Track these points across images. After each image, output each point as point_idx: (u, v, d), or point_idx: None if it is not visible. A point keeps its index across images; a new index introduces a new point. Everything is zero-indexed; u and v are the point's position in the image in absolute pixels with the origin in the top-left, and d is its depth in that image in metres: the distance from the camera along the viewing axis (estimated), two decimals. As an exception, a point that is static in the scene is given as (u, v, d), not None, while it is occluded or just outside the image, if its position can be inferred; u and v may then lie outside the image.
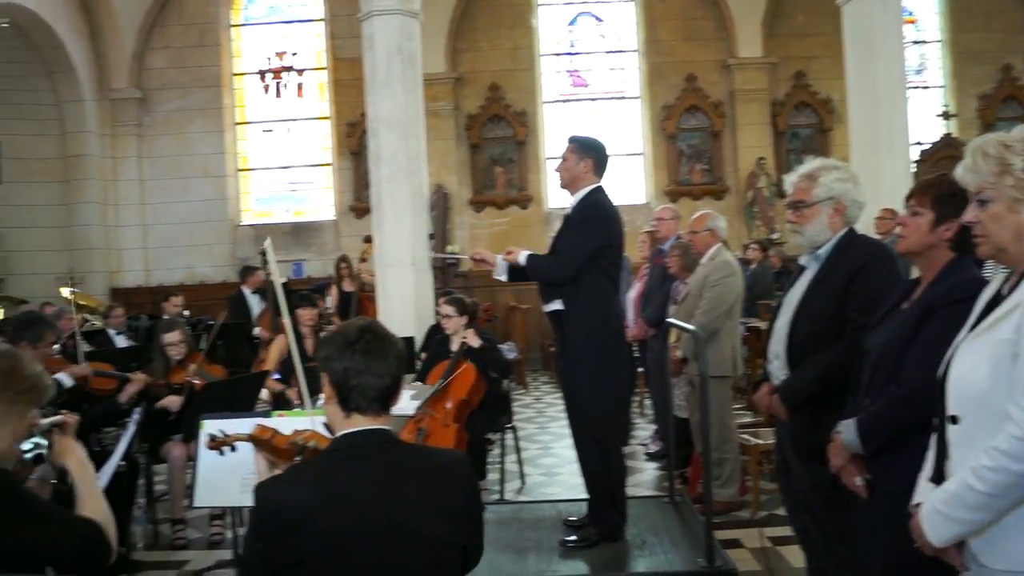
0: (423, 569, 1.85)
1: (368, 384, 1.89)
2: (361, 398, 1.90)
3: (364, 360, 1.89)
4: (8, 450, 2.10)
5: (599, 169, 4.06)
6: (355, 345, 1.90)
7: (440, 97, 12.41)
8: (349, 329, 1.95)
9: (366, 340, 1.91)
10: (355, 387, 1.89)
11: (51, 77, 12.61)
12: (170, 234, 13.30)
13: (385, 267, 7.68)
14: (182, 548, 4.95)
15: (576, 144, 4.08)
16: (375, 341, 1.92)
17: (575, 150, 4.05)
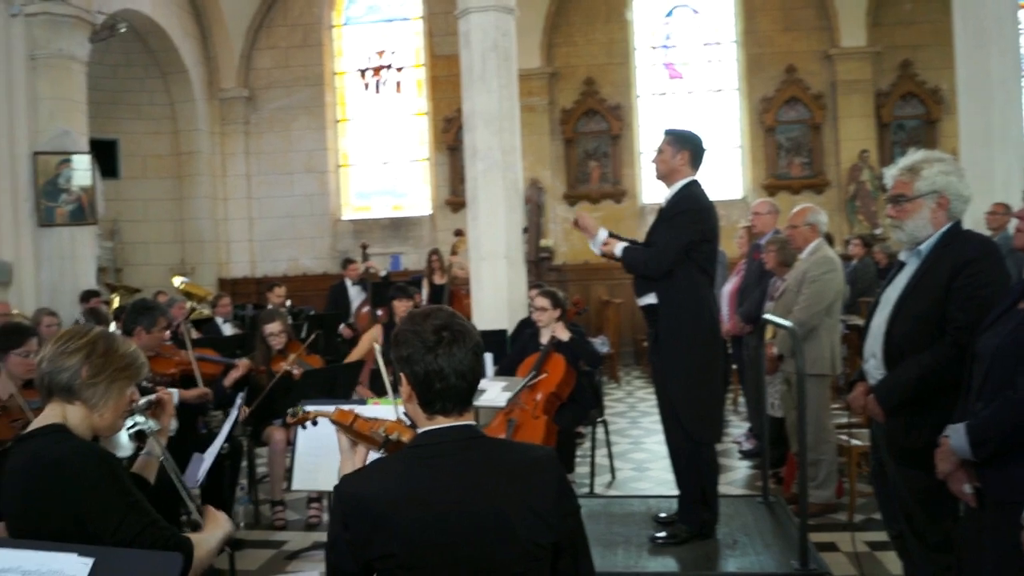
0: (511, 566, 1.81)
1: (451, 386, 1.86)
2: (446, 402, 1.88)
3: (447, 362, 1.85)
4: (112, 426, 2.22)
5: (695, 162, 4.03)
6: (436, 349, 1.85)
7: (535, 92, 12.46)
8: (425, 329, 1.88)
9: (446, 341, 1.86)
10: (438, 392, 1.86)
11: (165, 78, 13.24)
12: (275, 227, 13.80)
13: (479, 260, 7.76)
14: (281, 529, 5.13)
15: (672, 136, 4.05)
16: (455, 341, 1.87)
17: (671, 142, 4.02)
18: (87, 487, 1.99)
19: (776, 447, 5.43)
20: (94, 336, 2.16)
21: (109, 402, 2.16)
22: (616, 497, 5.35)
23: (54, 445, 2.04)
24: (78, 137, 9.60)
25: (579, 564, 1.96)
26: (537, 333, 5.56)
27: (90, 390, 2.11)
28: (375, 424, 2.10)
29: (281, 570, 4.44)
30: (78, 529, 1.94)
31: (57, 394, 2.11)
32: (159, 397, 2.44)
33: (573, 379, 5.28)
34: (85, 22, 9.67)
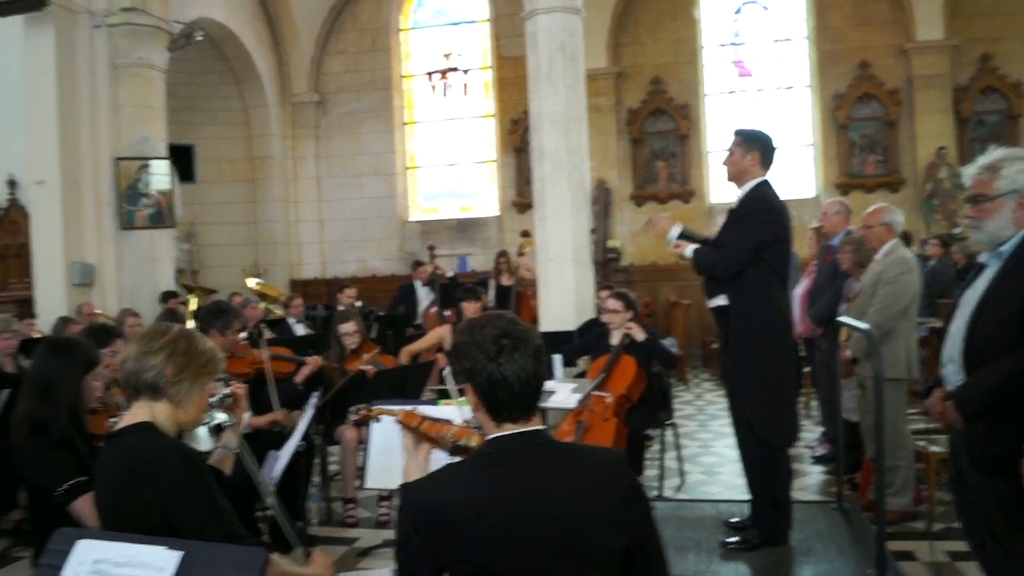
0: (584, 571, 1.81)
1: (516, 394, 1.86)
2: (512, 409, 1.88)
3: (510, 370, 1.84)
4: (195, 421, 2.30)
5: (765, 162, 3.97)
6: (498, 358, 1.85)
7: (601, 92, 12.41)
8: (484, 339, 1.88)
9: (506, 349, 1.85)
10: (504, 400, 1.86)
11: (239, 84, 13.59)
12: (344, 229, 14.04)
13: (547, 262, 7.77)
14: (352, 526, 5.21)
15: (742, 137, 4.00)
16: (515, 348, 1.86)
17: (740, 143, 3.98)
18: (175, 489, 2.05)
19: (851, 452, 5.30)
20: (175, 335, 2.23)
21: (192, 398, 2.23)
22: (686, 501, 5.30)
23: (144, 444, 2.11)
24: (157, 143, 9.91)
25: (651, 567, 1.94)
26: (606, 334, 5.53)
27: (174, 388, 2.19)
28: (443, 428, 2.13)
29: (353, 566, 4.50)
30: (165, 526, 2.01)
31: (143, 392, 2.19)
32: (234, 391, 2.51)
33: (644, 381, 5.24)
34: (163, 31, 9.98)
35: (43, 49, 9.22)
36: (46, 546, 1.80)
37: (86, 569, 1.70)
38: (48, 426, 2.92)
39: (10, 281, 10.29)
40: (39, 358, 3.13)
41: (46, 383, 2.98)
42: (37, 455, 2.91)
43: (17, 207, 10.19)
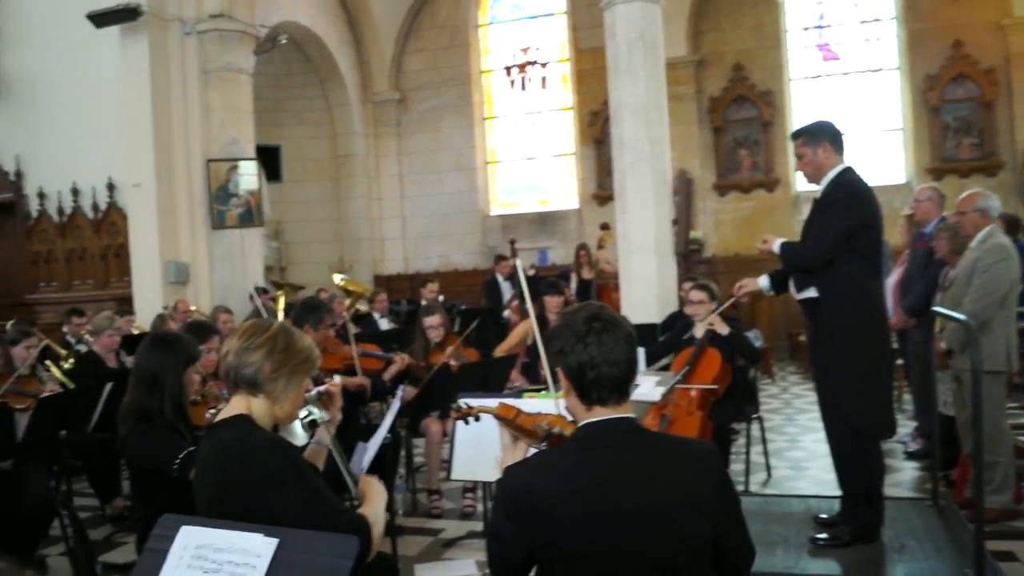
0: (672, 559, 1.82)
1: (605, 375, 1.89)
2: (601, 390, 1.90)
3: (598, 351, 1.88)
4: (290, 416, 2.37)
5: (838, 148, 3.86)
6: (586, 339, 1.89)
7: (682, 81, 12.24)
8: (575, 321, 1.93)
9: (595, 331, 1.89)
10: (593, 381, 1.89)
11: (323, 85, 13.89)
12: (426, 225, 14.23)
13: (628, 254, 7.72)
14: (437, 517, 5.26)
15: (804, 136, 3.92)
16: (604, 331, 1.90)
17: (805, 142, 3.89)
18: (273, 478, 2.12)
19: (946, 448, 5.12)
20: (275, 331, 2.29)
21: (289, 394, 2.30)
22: (773, 496, 5.21)
23: (242, 436, 2.19)
24: (245, 144, 10.21)
25: (739, 562, 1.95)
26: (690, 327, 5.47)
27: (272, 384, 2.26)
28: (538, 418, 2.14)
29: (438, 557, 4.56)
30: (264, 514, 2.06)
31: (242, 387, 2.27)
32: (328, 389, 2.58)
33: (729, 374, 5.17)
34: (250, 36, 10.26)
35: (137, 57, 9.60)
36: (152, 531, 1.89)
37: (189, 554, 1.79)
38: (153, 415, 3.09)
39: (111, 280, 10.77)
40: (144, 352, 3.29)
41: (152, 375, 3.15)
42: (146, 440, 3.08)
43: (116, 209, 10.64)
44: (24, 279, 11.38)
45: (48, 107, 10.85)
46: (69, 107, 10.64)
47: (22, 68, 11.13)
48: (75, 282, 11.01)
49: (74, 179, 10.79)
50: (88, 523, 5.38)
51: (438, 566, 4.40)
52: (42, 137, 10.90)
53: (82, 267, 11.00)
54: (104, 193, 10.70)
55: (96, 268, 10.90)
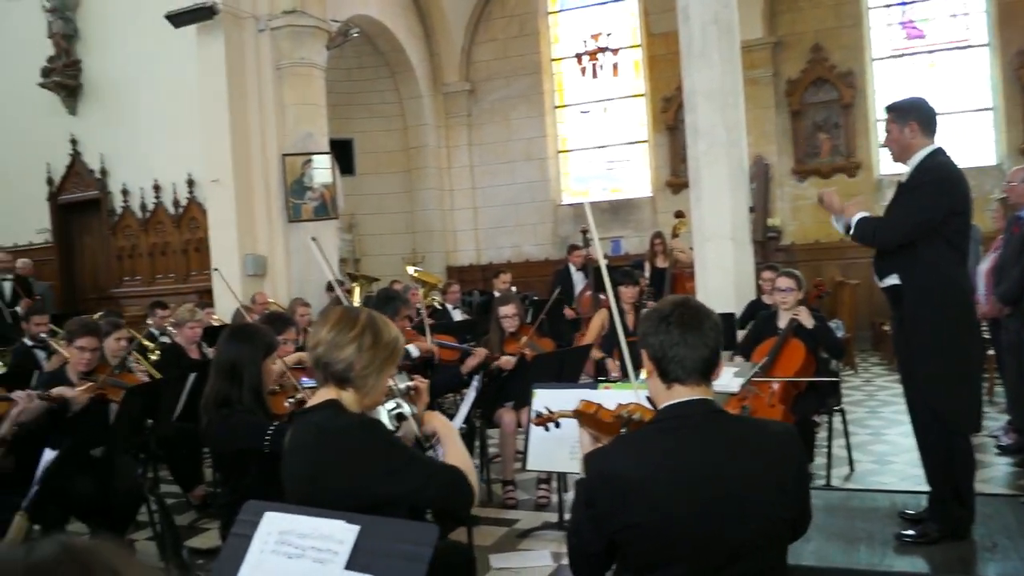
0: (751, 538, 1.84)
1: (684, 355, 1.92)
2: (679, 369, 1.93)
3: (679, 332, 1.93)
4: (376, 402, 2.39)
5: (927, 129, 3.69)
6: (669, 318, 1.95)
7: (758, 64, 11.95)
8: (664, 305, 2.01)
9: (679, 313, 1.95)
10: (672, 359, 1.93)
11: (394, 77, 14.01)
12: (498, 215, 14.24)
13: (704, 241, 7.57)
14: (512, 508, 5.26)
15: (894, 112, 3.75)
16: (688, 314, 1.96)
17: (894, 119, 3.73)
18: (370, 452, 2.18)
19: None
20: (362, 325, 2.30)
21: (377, 387, 2.34)
22: (857, 491, 5.04)
23: (335, 418, 2.23)
24: (319, 138, 10.37)
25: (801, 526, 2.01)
26: (773, 316, 5.32)
27: (361, 380, 2.28)
28: (618, 408, 2.15)
29: (513, 547, 4.56)
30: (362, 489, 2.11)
31: (331, 379, 2.29)
32: (416, 385, 2.59)
33: (813, 367, 5.01)
34: (322, 31, 10.40)
35: (214, 55, 9.83)
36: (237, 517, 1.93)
37: (273, 539, 1.83)
38: (233, 404, 3.17)
39: (191, 273, 11.07)
40: (225, 343, 3.36)
41: (231, 366, 3.22)
42: (229, 424, 3.15)
43: (196, 204, 10.93)
44: (110, 274, 11.80)
45: (130, 107, 11.20)
46: (150, 106, 10.96)
47: (104, 70, 11.51)
48: (158, 276, 11.36)
49: (155, 176, 11.12)
50: (173, 509, 5.54)
51: (513, 556, 4.39)
52: (125, 136, 11.26)
53: (164, 261, 11.34)
54: (184, 189, 10.99)
55: (177, 262, 11.22)
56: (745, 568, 1.86)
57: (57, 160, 11.87)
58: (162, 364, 6.04)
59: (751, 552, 1.85)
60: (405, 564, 1.67)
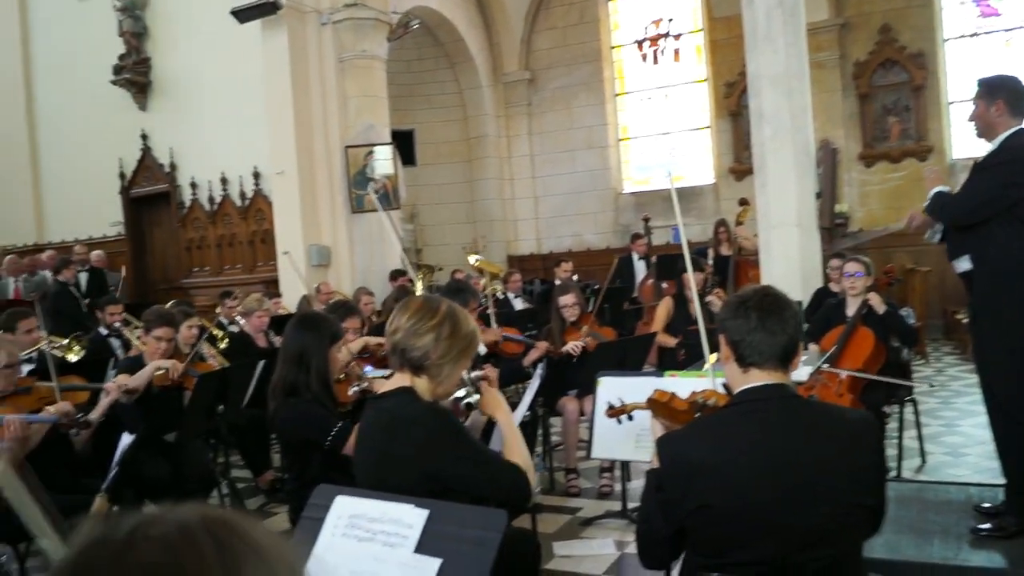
0: (826, 524, 1.82)
1: (762, 340, 1.92)
2: (756, 354, 1.93)
3: (757, 317, 1.93)
4: (448, 392, 2.42)
5: (1015, 110, 3.55)
6: (748, 303, 1.95)
7: (824, 47, 11.66)
8: (745, 292, 2.02)
9: (760, 300, 1.96)
10: (749, 343, 1.93)
11: (454, 68, 14.06)
12: (558, 204, 14.20)
13: (769, 229, 7.44)
14: (575, 496, 5.26)
15: (982, 88, 3.63)
16: (769, 301, 1.96)
17: (982, 95, 3.61)
18: (439, 441, 2.20)
19: None
20: (442, 316, 2.33)
21: (451, 376, 2.36)
22: (929, 483, 4.90)
23: (407, 404, 2.27)
24: (381, 130, 10.47)
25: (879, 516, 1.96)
26: (841, 304, 5.21)
27: (437, 368, 2.31)
28: (692, 395, 2.14)
29: (576, 535, 4.56)
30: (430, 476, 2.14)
31: (407, 366, 2.32)
32: (485, 374, 2.61)
33: (883, 356, 4.88)
34: (383, 23, 10.49)
35: (278, 49, 9.99)
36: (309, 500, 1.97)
37: (344, 523, 1.86)
38: (300, 391, 3.21)
39: (258, 264, 11.30)
40: (291, 331, 3.42)
41: (299, 353, 3.27)
42: (295, 414, 3.21)
43: (261, 196, 11.14)
44: (179, 264, 12.12)
45: (197, 101, 11.46)
46: (216, 100, 11.20)
47: (172, 66, 11.80)
48: (225, 267, 11.62)
49: (222, 169, 11.36)
50: (242, 494, 5.68)
51: (576, 544, 4.39)
52: (192, 130, 11.53)
53: (231, 252, 11.59)
54: (250, 181, 11.20)
55: (244, 253, 11.46)
56: (817, 555, 1.83)
57: (129, 155, 12.23)
58: (230, 352, 6.18)
59: (824, 540, 1.83)
60: (474, 549, 1.68)
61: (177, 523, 0.67)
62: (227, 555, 0.65)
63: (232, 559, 0.65)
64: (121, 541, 0.65)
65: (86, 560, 0.64)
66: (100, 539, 0.66)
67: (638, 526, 1.99)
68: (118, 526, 0.66)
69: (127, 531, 0.66)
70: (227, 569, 0.65)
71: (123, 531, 0.66)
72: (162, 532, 0.66)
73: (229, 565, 0.65)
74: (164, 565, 0.63)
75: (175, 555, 0.64)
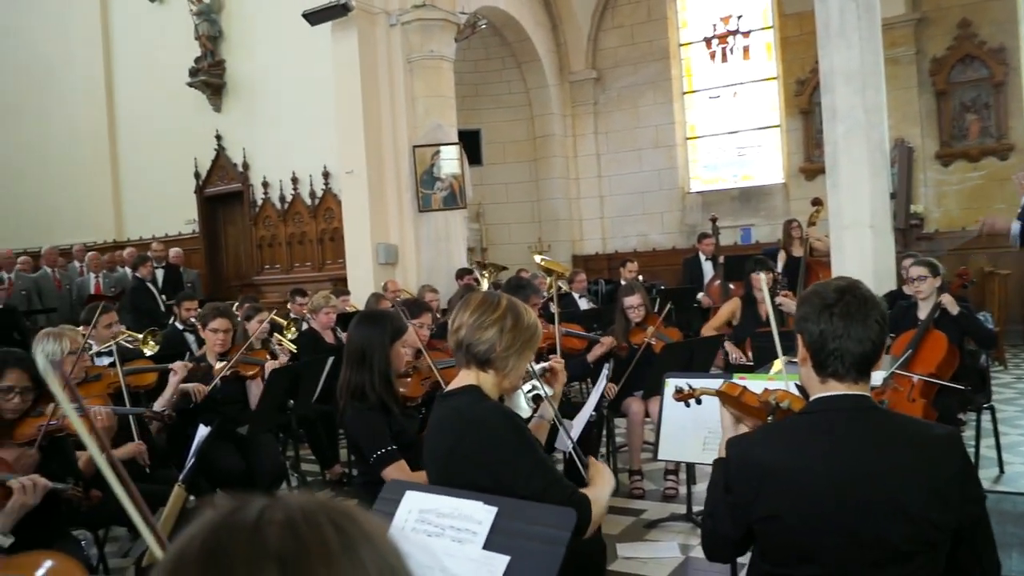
0: (901, 544, 1.72)
1: (846, 349, 1.80)
2: (838, 364, 1.81)
3: (843, 324, 1.79)
4: (514, 386, 2.43)
5: None
6: (833, 308, 1.81)
7: (899, 42, 11.34)
8: (827, 290, 1.86)
9: (845, 302, 1.81)
10: (832, 352, 1.81)
11: (520, 68, 14.09)
12: (624, 204, 14.12)
13: (841, 229, 7.28)
14: (639, 498, 5.21)
15: None
16: (855, 304, 1.81)
17: None
18: (502, 444, 2.21)
19: None
20: (504, 309, 2.35)
21: (516, 369, 2.37)
22: (1007, 493, 4.75)
23: (474, 404, 2.28)
24: (448, 129, 10.55)
25: (983, 558, 1.81)
26: (913, 307, 5.08)
27: (502, 361, 2.32)
28: (764, 395, 2.07)
29: (640, 538, 4.52)
30: (491, 480, 2.14)
31: (473, 361, 2.34)
32: (552, 366, 2.61)
33: (956, 360, 4.73)
34: (451, 23, 10.56)
35: (348, 50, 10.15)
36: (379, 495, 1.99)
37: (414, 518, 1.88)
38: (365, 391, 3.24)
39: (327, 262, 11.50)
40: (353, 329, 3.47)
41: (360, 351, 3.31)
42: (357, 419, 3.24)
43: (331, 195, 11.33)
44: (251, 262, 12.41)
45: (269, 102, 11.72)
46: (287, 102, 11.44)
47: (245, 68, 12.09)
48: (295, 264, 11.86)
49: (293, 168, 11.60)
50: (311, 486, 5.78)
51: (641, 547, 4.36)
52: (264, 130, 11.80)
53: (301, 250, 11.83)
54: (320, 181, 11.40)
55: (313, 251, 11.68)
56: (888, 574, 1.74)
57: (203, 155, 12.57)
58: (300, 348, 6.31)
59: (899, 558, 1.73)
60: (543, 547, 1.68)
61: (300, 508, 0.70)
62: (348, 541, 0.68)
63: (350, 544, 0.68)
64: (250, 525, 0.68)
65: (218, 543, 0.67)
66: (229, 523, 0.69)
67: (703, 520, 1.94)
68: (243, 510, 0.69)
69: (254, 516, 0.68)
70: (349, 554, 0.67)
71: (251, 516, 0.68)
72: (287, 517, 0.68)
73: (348, 549, 0.68)
74: (291, 549, 0.66)
75: (301, 539, 0.67)
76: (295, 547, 0.66)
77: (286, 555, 0.65)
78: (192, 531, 0.69)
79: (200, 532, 0.69)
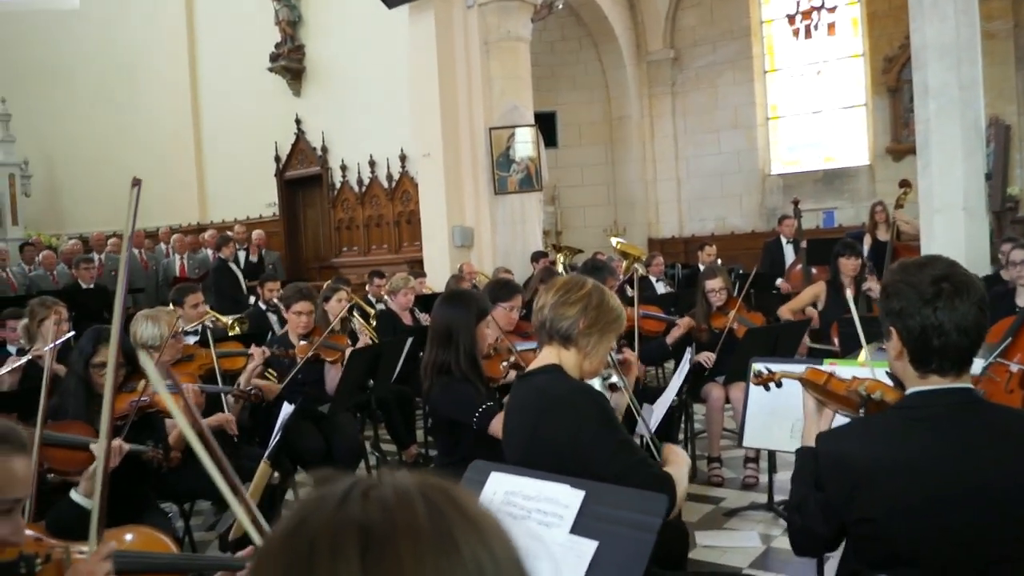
0: (1010, 549, 1.62)
1: (952, 344, 1.67)
2: (943, 360, 1.69)
3: (948, 317, 1.66)
4: (595, 371, 2.39)
5: None
6: (935, 302, 1.67)
7: (996, 15, 10.80)
8: (921, 279, 1.70)
9: (946, 293, 1.67)
10: (937, 349, 1.68)
11: (597, 48, 13.92)
12: (702, 186, 13.86)
13: (932, 212, 6.99)
14: (718, 485, 5.13)
15: None
16: (957, 293, 1.67)
17: None
18: (585, 422, 2.18)
19: None
20: (590, 289, 2.33)
21: (598, 350, 2.34)
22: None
23: (554, 383, 2.26)
24: (525, 111, 10.50)
25: None
26: (1010, 293, 4.85)
27: (585, 339, 2.30)
28: (852, 383, 1.95)
29: (719, 526, 4.45)
30: (574, 459, 2.12)
31: (556, 339, 2.32)
32: (625, 357, 2.57)
33: (1060, 347, 4.51)
34: (528, 4, 10.49)
35: (425, 33, 10.18)
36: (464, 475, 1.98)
37: (499, 499, 1.85)
38: (451, 369, 3.27)
39: (403, 244, 11.61)
40: (439, 308, 3.48)
41: (446, 330, 3.32)
42: (446, 392, 3.26)
43: (407, 178, 11.42)
44: (330, 244, 12.63)
45: (347, 87, 11.87)
46: (365, 85, 11.56)
47: (324, 52, 12.26)
48: (372, 246, 12.02)
49: (371, 151, 11.73)
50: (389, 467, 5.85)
51: (720, 535, 4.29)
52: (342, 114, 11.95)
53: (378, 233, 11.97)
54: (397, 164, 11.50)
55: (390, 233, 11.81)
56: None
57: (283, 139, 12.82)
58: (378, 330, 6.38)
59: (1008, 565, 1.62)
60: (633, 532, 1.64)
61: (395, 486, 0.68)
62: (441, 522, 0.66)
63: (446, 526, 0.66)
64: (338, 498, 0.67)
65: (305, 511, 0.67)
66: (320, 494, 0.68)
67: (790, 513, 1.85)
68: (338, 484, 0.69)
69: (344, 490, 0.68)
70: (440, 535, 0.65)
71: (341, 490, 0.68)
72: (379, 493, 0.67)
73: (442, 531, 0.65)
74: (377, 523, 0.65)
75: (389, 515, 0.65)
76: (381, 519, 0.65)
77: (369, 525, 0.64)
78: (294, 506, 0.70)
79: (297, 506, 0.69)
